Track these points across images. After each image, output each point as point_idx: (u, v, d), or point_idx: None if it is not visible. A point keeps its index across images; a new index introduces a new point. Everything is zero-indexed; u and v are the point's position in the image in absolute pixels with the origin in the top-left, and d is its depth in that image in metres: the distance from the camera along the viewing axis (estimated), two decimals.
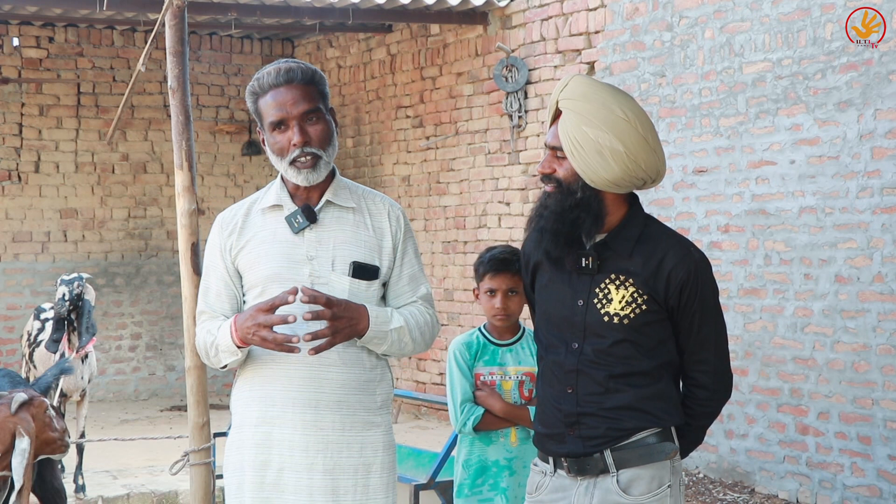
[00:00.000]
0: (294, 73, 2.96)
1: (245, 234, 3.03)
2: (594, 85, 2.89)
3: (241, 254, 3.02)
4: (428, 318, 3.09)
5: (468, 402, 3.72)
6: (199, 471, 3.73)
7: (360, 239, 3.03)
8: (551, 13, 8.22)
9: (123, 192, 10.66)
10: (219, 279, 3.04)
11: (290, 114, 2.94)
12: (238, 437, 3.04)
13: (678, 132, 7.24)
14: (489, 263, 3.74)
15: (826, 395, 6.41)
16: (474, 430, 3.71)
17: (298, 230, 2.99)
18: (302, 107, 2.95)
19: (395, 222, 3.09)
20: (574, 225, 2.85)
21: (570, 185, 2.86)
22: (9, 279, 10.24)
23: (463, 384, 3.73)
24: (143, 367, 10.73)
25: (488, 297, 3.74)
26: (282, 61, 3.02)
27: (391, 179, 10.08)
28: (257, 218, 3.05)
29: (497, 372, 3.76)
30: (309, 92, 2.96)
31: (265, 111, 2.98)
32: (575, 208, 2.84)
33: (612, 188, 2.86)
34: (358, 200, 3.08)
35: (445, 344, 9.35)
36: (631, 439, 2.85)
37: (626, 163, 2.81)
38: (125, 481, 7.14)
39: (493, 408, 3.69)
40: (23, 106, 10.27)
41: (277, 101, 2.95)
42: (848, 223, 6.27)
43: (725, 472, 7.00)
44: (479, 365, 3.76)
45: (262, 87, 2.98)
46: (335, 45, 10.80)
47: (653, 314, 2.85)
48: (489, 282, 3.73)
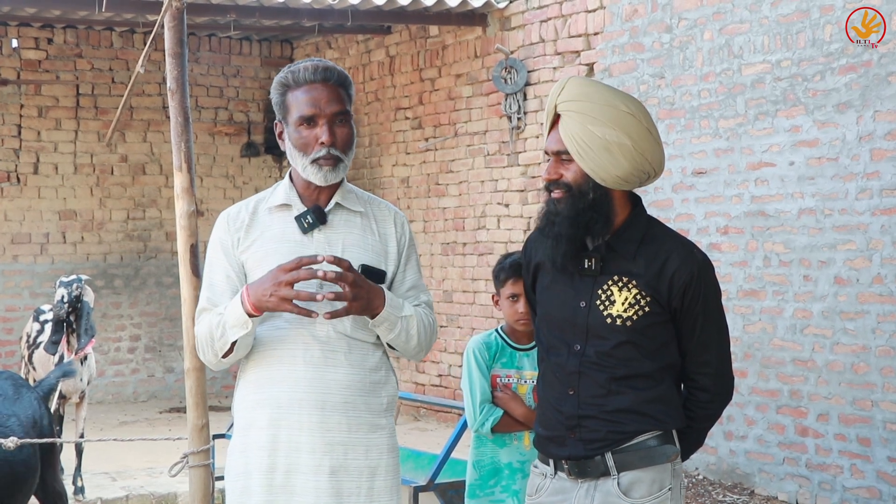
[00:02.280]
0: (331, 72, 2.98)
1: (252, 232, 3.02)
2: (593, 84, 2.90)
3: (249, 251, 3.01)
4: (431, 320, 3.09)
5: (487, 402, 3.71)
6: (198, 472, 3.72)
7: (368, 243, 3.03)
8: (550, 15, 8.22)
9: (122, 193, 10.65)
10: (224, 275, 3.01)
11: (323, 112, 2.95)
12: (243, 440, 3.01)
13: (677, 133, 7.24)
14: (511, 269, 3.73)
15: (825, 396, 6.41)
16: (491, 430, 3.71)
17: (308, 230, 2.99)
18: (335, 107, 2.96)
19: (400, 229, 3.09)
20: (587, 227, 2.85)
21: (581, 186, 2.85)
22: (7, 281, 10.23)
23: (482, 384, 3.72)
24: (142, 369, 10.72)
25: (511, 302, 3.73)
26: (316, 60, 3.03)
27: (390, 181, 10.08)
28: (265, 216, 3.04)
29: (514, 375, 3.75)
30: (341, 94, 2.98)
31: (294, 105, 2.97)
32: (588, 210, 2.84)
33: (621, 185, 2.86)
34: (365, 206, 3.08)
35: (445, 346, 9.35)
36: (632, 442, 2.85)
37: (634, 156, 2.82)
38: (124, 483, 7.14)
39: (514, 412, 3.69)
40: (22, 107, 10.27)
41: (312, 97, 2.95)
42: (847, 225, 6.27)
43: (725, 474, 7.00)
44: (497, 366, 3.76)
45: (296, 80, 2.98)
46: (334, 47, 10.80)
47: (655, 316, 2.85)
48: (511, 287, 3.72)
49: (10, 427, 4.75)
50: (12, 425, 4.76)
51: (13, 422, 4.79)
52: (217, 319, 2.94)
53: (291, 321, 2.96)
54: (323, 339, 2.96)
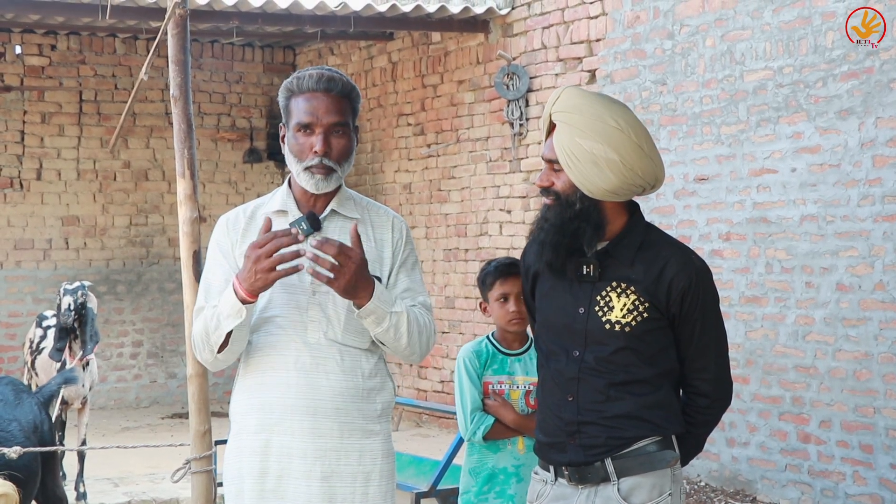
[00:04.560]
0: (335, 83, 2.99)
1: (249, 237, 3.03)
2: (585, 96, 2.90)
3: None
4: (427, 321, 3.07)
5: (478, 410, 3.72)
6: (200, 478, 3.73)
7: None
8: (552, 21, 8.24)
9: (125, 199, 10.67)
10: (222, 277, 3.02)
11: (320, 121, 2.96)
12: (236, 444, 3.04)
13: (679, 140, 7.24)
14: (497, 271, 3.75)
15: (828, 403, 6.41)
16: (483, 438, 3.71)
17: (302, 236, 3.00)
18: (332, 118, 2.97)
19: (398, 233, 3.10)
20: (575, 236, 2.85)
21: (569, 196, 2.86)
22: (10, 286, 10.24)
23: (472, 392, 3.73)
24: (144, 375, 10.73)
25: (500, 303, 3.74)
26: (325, 68, 3.05)
27: (392, 187, 10.09)
28: (262, 221, 3.06)
29: (506, 381, 3.76)
30: (342, 105, 2.99)
31: (295, 111, 2.99)
32: (575, 219, 2.85)
33: (610, 197, 2.86)
34: (362, 212, 3.09)
35: (446, 352, 9.35)
36: (631, 448, 2.85)
37: (623, 171, 2.82)
38: (126, 489, 7.14)
39: (504, 418, 3.69)
40: (25, 114, 10.29)
41: (311, 106, 2.97)
42: (849, 231, 6.27)
43: (727, 481, 6.99)
44: (488, 373, 3.76)
45: (300, 87, 3.00)
46: (336, 53, 10.81)
47: (654, 322, 2.86)
48: (500, 288, 3.73)
49: (11, 432, 4.76)
50: (13, 430, 4.77)
51: (14, 427, 4.80)
52: (211, 312, 2.95)
53: (284, 327, 2.97)
54: (314, 346, 2.97)
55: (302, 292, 2.97)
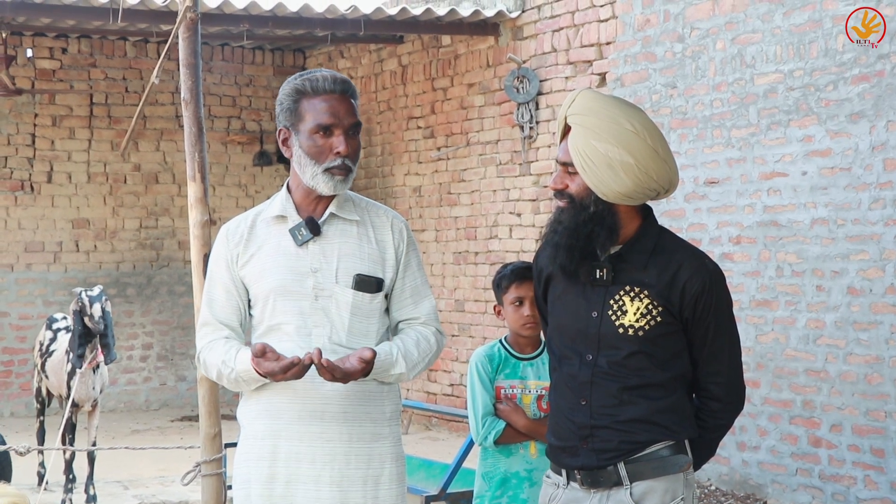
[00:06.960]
0: (348, 85, 3.02)
1: (251, 247, 3.03)
2: (602, 99, 2.90)
3: (248, 267, 3.03)
4: (431, 342, 3.08)
5: (489, 415, 3.71)
6: (210, 481, 3.73)
7: (364, 251, 3.04)
8: (562, 24, 8.23)
9: (135, 202, 10.69)
10: (224, 290, 3.04)
11: (342, 123, 2.98)
12: (245, 449, 3.04)
13: (689, 143, 7.23)
14: (512, 274, 3.74)
15: (839, 407, 6.39)
16: (495, 443, 3.71)
17: (302, 242, 3.00)
18: (352, 119, 3.00)
19: (398, 234, 3.09)
20: (588, 239, 2.85)
21: (583, 199, 2.86)
22: (21, 289, 10.27)
23: (484, 397, 3.72)
24: (154, 378, 10.74)
25: (515, 307, 3.73)
26: (327, 71, 3.06)
27: (402, 190, 10.09)
28: (262, 229, 3.06)
29: (518, 385, 3.75)
30: (354, 107, 3.03)
31: (310, 112, 2.98)
32: (589, 222, 2.85)
33: (624, 201, 2.86)
34: (362, 213, 3.08)
35: (457, 356, 9.34)
36: (644, 452, 2.85)
37: (638, 175, 2.81)
38: (136, 491, 7.15)
39: (516, 423, 3.69)
40: (36, 116, 10.32)
41: (331, 107, 2.97)
42: (860, 235, 6.26)
43: (737, 485, 6.97)
44: (500, 378, 3.76)
45: (314, 88, 2.99)
46: (346, 56, 10.82)
47: (667, 326, 2.85)
48: (515, 291, 3.72)
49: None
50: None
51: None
52: (228, 371, 2.98)
53: (290, 334, 2.98)
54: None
55: (305, 298, 2.97)
